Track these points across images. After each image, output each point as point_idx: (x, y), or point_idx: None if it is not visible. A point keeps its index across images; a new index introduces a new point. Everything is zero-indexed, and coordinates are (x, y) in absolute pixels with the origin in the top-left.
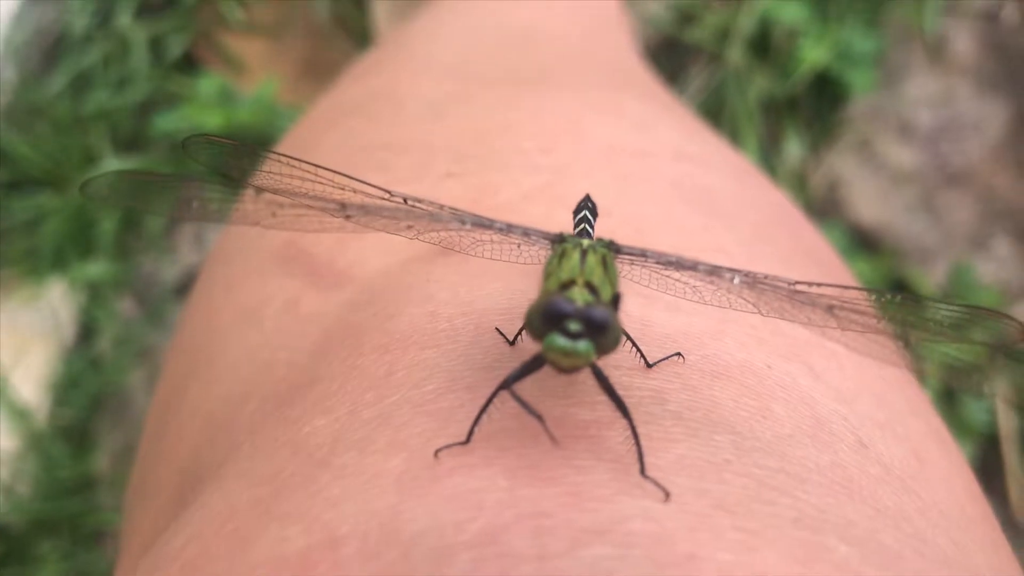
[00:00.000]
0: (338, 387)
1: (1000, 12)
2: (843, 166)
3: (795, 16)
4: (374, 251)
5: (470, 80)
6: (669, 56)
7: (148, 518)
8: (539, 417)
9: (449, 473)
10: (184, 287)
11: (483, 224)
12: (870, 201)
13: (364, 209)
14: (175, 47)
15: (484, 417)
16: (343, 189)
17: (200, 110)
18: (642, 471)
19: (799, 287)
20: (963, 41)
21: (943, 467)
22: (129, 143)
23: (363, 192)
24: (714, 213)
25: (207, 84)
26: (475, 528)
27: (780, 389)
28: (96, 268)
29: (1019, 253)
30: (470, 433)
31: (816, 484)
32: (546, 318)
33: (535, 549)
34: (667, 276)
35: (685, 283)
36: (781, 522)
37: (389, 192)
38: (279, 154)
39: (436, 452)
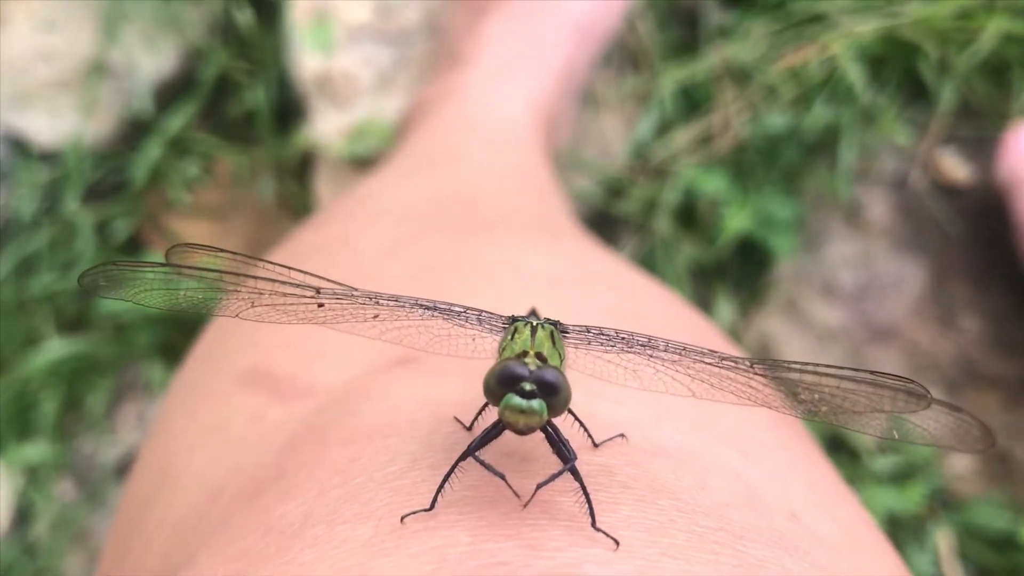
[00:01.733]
0: (305, 476)
1: (907, 178)
2: (773, 326)
3: (716, 187)
4: (335, 367)
5: (418, 227)
6: (600, 228)
7: None
8: (502, 476)
9: (414, 535)
10: (124, 467)
11: (441, 309)
12: (800, 359)
13: (336, 296)
14: (121, 231)
15: (447, 486)
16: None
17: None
18: (593, 524)
19: (726, 360)
20: (876, 206)
21: (874, 546)
22: (73, 324)
23: (332, 287)
24: (646, 332)
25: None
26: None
27: (716, 467)
28: (35, 450)
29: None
30: (434, 500)
31: (754, 540)
32: (502, 380)
33: None
34: (608, 362)
35: (625, 367)
36: (724, 568)
37: (353, 288)
38: (258, 258)
39: (403, 518)
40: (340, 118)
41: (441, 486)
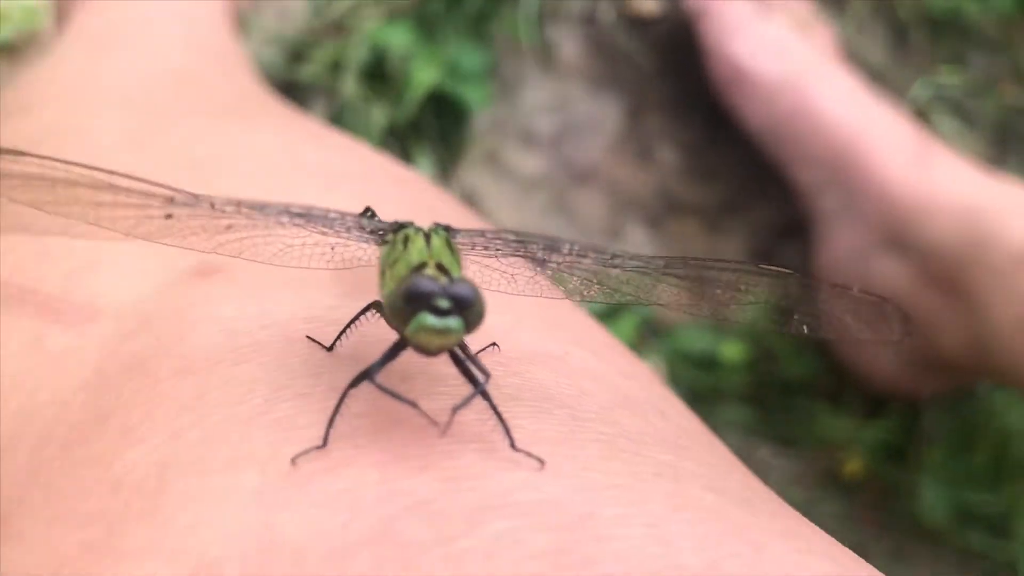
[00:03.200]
0: (143, 416)
1: (595, 13)
2: (476, 179)
3: (402, 41)
4: (116, 280)
5: (155, 113)
6: (285, 96)
7: None
8: (413, 403)
9: (311, 478)
10: None
11: (315, 216)
12: (507, 209)
13: (189, 206)
14: None
15: (336, 418)
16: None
17: None
18: (512, 445)
19: (614, 258)
20: (568, 46)
21: (698, 433)
22: None
23: (184, 196)
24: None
25: None
26: (363, 526)
27: (583, 370)
28: None
29: (650, 237)
30: (326, 435)
31: (651, 444)
32: (413, 298)
33: (433, 535)
34: (487, 267)
35: (503, 272)
36: (646, 476)
37: (209, 195)
38: (37, 155)
39: (293, 459)
40: None
41: (333, 417)
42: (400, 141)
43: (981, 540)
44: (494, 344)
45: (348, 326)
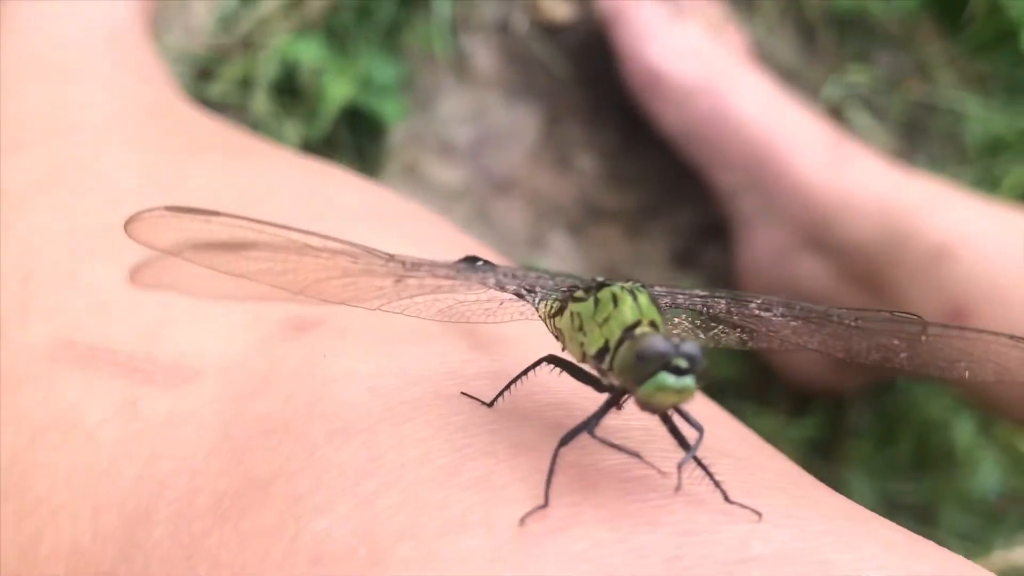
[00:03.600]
0: (313, 483)
1: (508, 22)
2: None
3: (313, 55)
4: (203, 336)
5: (156, 149)
6: None
7: None
8: (637, 455)
9: (541, 540)
10: None
11: (517, 276)
12: None
13: (415, 265)
14: None
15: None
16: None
17: None
18: (727, 497)
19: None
20: (483, 55)
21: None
22: None
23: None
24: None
25: None
26: None
27: (719, 416)
28: None
29: (573, 244)
30: (546, 494)
31: (802, 481)
32: (652, 359)
33: None
34: (683, 322)
35: (687, 327)
36: (835, 516)
37: (390, 254)
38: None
39: (522, 520)
40: None
41: (550, 475)
42: (317, 156)
43: (908, 528)
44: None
45: (515, 381)
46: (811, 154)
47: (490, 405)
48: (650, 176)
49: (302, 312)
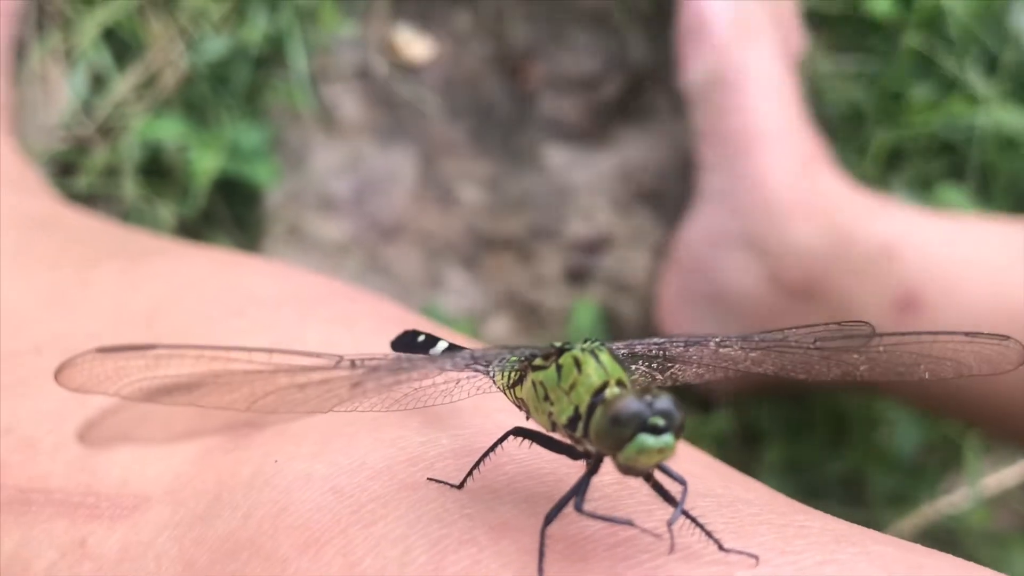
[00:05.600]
0: None
1: (367, 67)
2: (281, 256)
3: (174, 132)
4: (137, 461)
5: (57, 266)
6: None
7: None
8: (629, 522)
9: None
10: None
11: (480, 358)
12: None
13: (376, 369)
14: None
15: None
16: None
17: None
18: (721, 546)
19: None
20: (348, 104)
21: None
22: None
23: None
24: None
25: None
26: None
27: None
28: None
29: (469, 277)
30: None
31: (783, 508)
32: (627, 422)
33: None
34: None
35: (663, 375)
36: (828, 545)
37: (340, 356)
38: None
39: None
40: None
41: (541, 557)
42: (193, 235)
43: (831, 511)
44: None
45: (483, 459)
46: (785, 159)
47: (460, 487)
48: (534, 198)
49: (239, 420)
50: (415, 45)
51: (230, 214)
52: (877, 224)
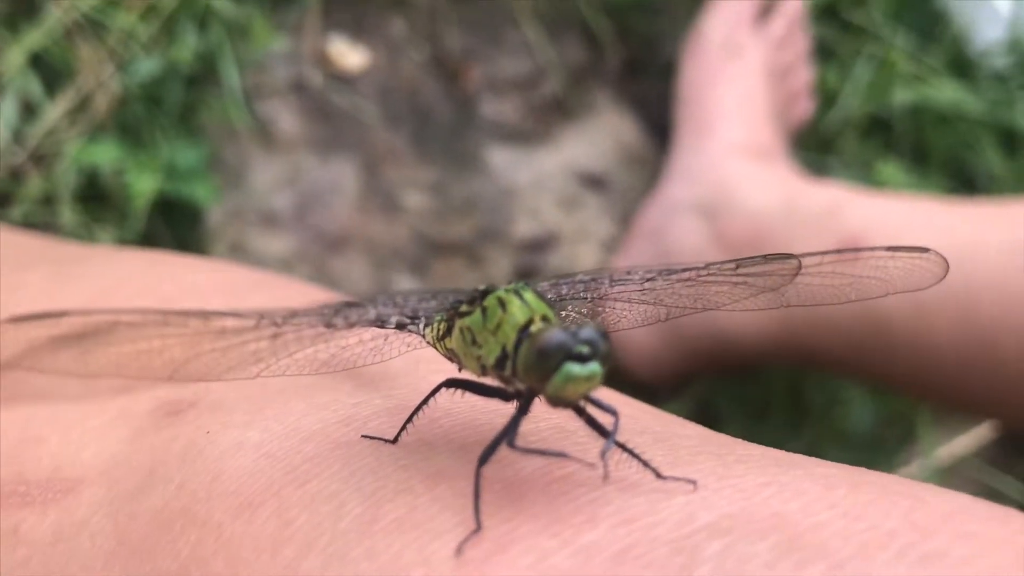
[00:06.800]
0: (226, 565)
1: (302, 79)
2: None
3: (109, 156)
4: (72, 446)
5: None
6: None
7: None
8: (563, 454)
9: (485, 565)
10: None
11: (408, 305)
12: None
13: (293, 316)
14: None
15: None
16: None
17: None
18: (658, 474)
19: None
20: (285, 117)
21: None
22: None
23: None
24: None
25: None
26: None
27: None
28: None
29: (419, 284)
30: (477, 517)
31: (714, 441)
32: (551, 353)
33: (665, 573)
34: (578, 310)
35: (578, 313)
36: (769, 468)
37: (259, 313)
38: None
39: (458, 549)
40: None
41: (477, 497)
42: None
43: None
44: None
45: (416, 412)
46: (743, 143)
47: (394, 441)
48: (480, 201)
49: (170, 397)
50: (349, 55)
51: (171, 235)
52: (824, 191)
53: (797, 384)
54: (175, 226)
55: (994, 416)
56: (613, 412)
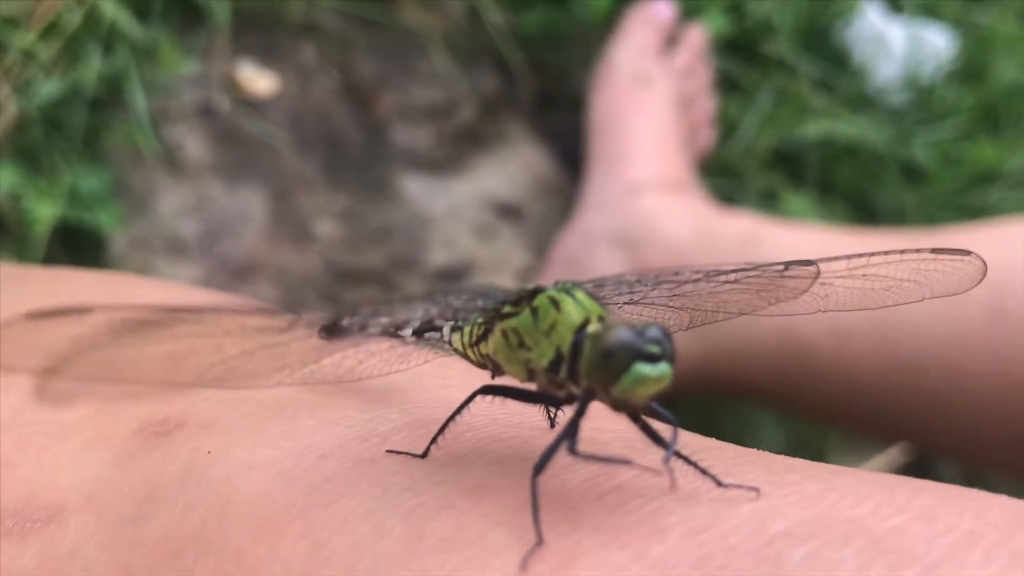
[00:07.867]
0: None
1: (209, 104)
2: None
3: (8, 181)
4: (47, 472)
5: None
6: None
7: None
8: (627, 461)
9: None
10: None
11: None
12: None
13: (340, 321)
14: None
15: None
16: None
17: None
18: (719, 483)
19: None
20: (192, 143)
21: None
22: None
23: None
24: None
25: None
26: None
27: None
28: None
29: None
30: (538, 530)
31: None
32: (621, 353)
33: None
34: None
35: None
36: (818, 475)
37: (294, 313)
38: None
39: (523, 562)
40: None
41: (535, 510)
42: None
43: None
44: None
45: (449, 422)
46: (658, 174)
47: (423, 456)
48: (393, 229)
49: (152, 418)
50: (259, 80)
51: (73, 263)
52: (739, 222)
53: (712, 410)
54: (77, 254)
55: (911, 439)
56: (672, 421)
